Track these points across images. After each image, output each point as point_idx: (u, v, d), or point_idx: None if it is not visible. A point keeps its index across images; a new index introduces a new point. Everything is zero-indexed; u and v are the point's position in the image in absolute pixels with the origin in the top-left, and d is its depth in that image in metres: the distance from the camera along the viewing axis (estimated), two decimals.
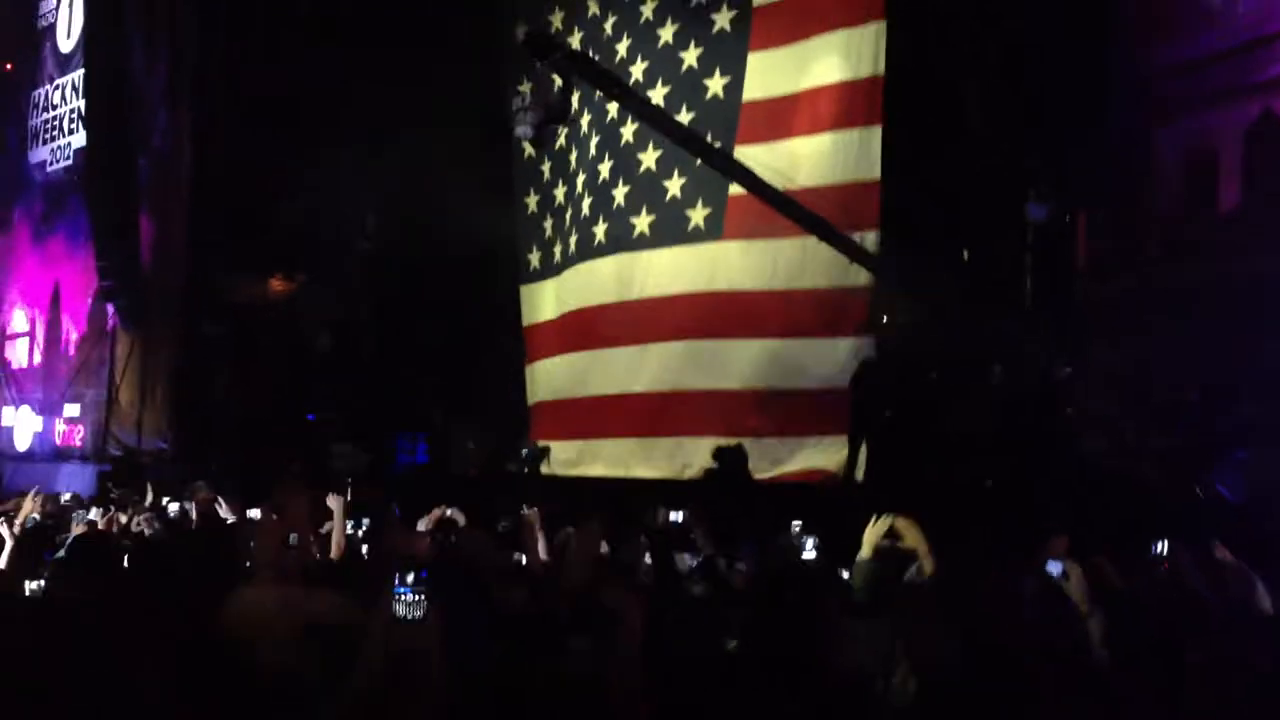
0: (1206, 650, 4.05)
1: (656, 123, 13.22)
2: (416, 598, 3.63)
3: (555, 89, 11.92)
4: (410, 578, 3.68)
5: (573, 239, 15.32)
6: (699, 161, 13.30)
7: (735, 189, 12.89)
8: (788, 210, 11.73)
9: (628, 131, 14.43)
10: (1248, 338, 9.31)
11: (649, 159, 14.22)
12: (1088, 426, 9.85)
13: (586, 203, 15.01)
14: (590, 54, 14.68)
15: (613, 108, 14.62)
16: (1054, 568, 5.32)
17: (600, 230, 14.79)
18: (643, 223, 14.28)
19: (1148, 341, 9.75)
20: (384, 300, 16.09)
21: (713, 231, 13.55)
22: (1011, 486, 9.37)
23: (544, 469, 14.34)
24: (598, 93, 14.46)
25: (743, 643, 4.03)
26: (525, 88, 15.01)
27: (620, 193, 14.50)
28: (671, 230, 13.99)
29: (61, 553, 5.82)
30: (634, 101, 13.32)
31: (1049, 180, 10.82)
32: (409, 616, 3.61)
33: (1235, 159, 10.25)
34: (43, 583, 5.63)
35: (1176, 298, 9.86)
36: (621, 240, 14.50)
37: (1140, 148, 10.72)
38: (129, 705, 3.74)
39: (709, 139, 13.45)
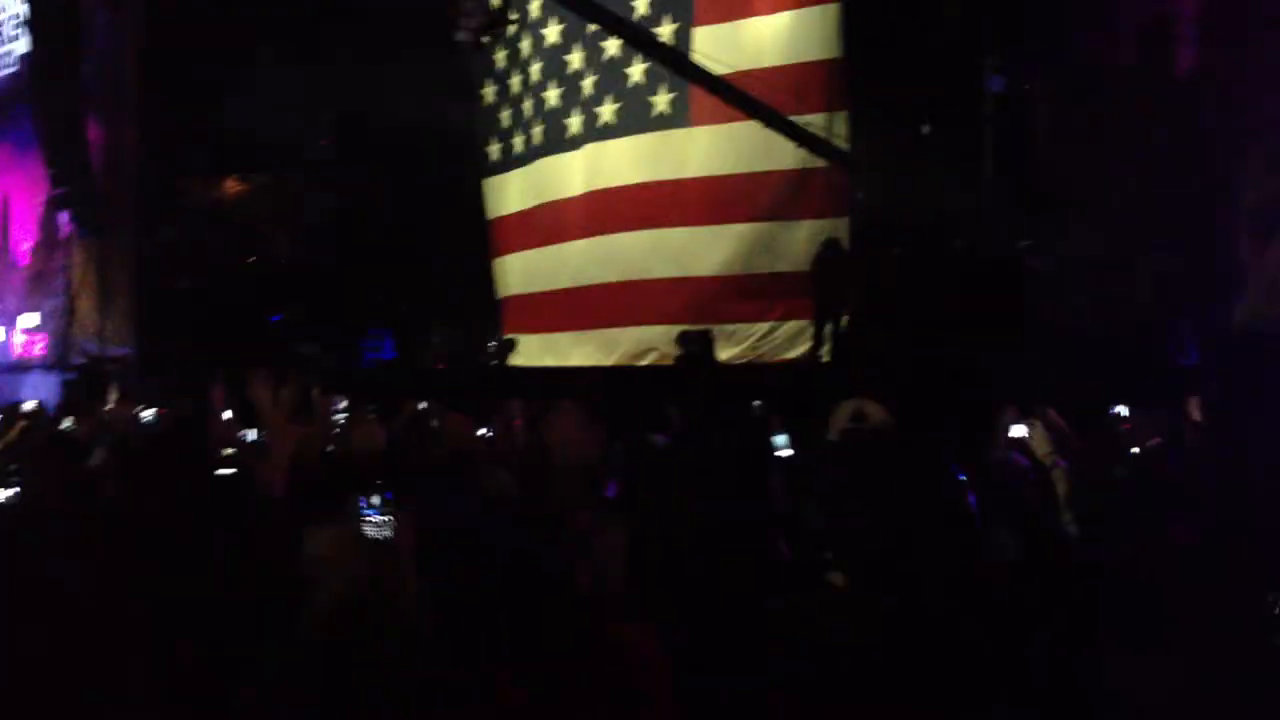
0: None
1: (605, 19, 13.08)
2: (384, 518, 3.61)
3: None
4: (376, 499, 3.66)
5: (537, 129, 15.23)
6: (658, 44, 13.23)
7: (698, 73, 12.79)
8: (749, 93, 11.67)
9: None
10: (1203, 198, 9.38)
11: (612, 46, 14.07)
12: (1051, 299, 9.90)
13: (555, 93, 14.88)
14: None
15: None
16: (1017, 429, 5.40)
17: (573, 122, 14.69)
18: (607, 112, 14.17)
19: (1108, 212, 9.79)
20: (344, 198, 15.91)
21: (678, 118, 13.48)
22: (976, 363, 9.44)
23: (512, 361, 14.37)
24: None
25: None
26: None
27: (589, 82, 14.38)
28: (637, 118, 13.92)
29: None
30: (591, 9, 13.17)
31: (1005, 51, 10.81)
32: (377, 537, 3.58)
33: (1189, 25, 10.20)
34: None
35: (1137, 164, 9.88)
36: (590, 131, 14.42)
37: (1095, 12, 10.64)
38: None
39: (670, 20, 13.36)
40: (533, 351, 14.58)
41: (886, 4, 11.52)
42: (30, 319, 17.49)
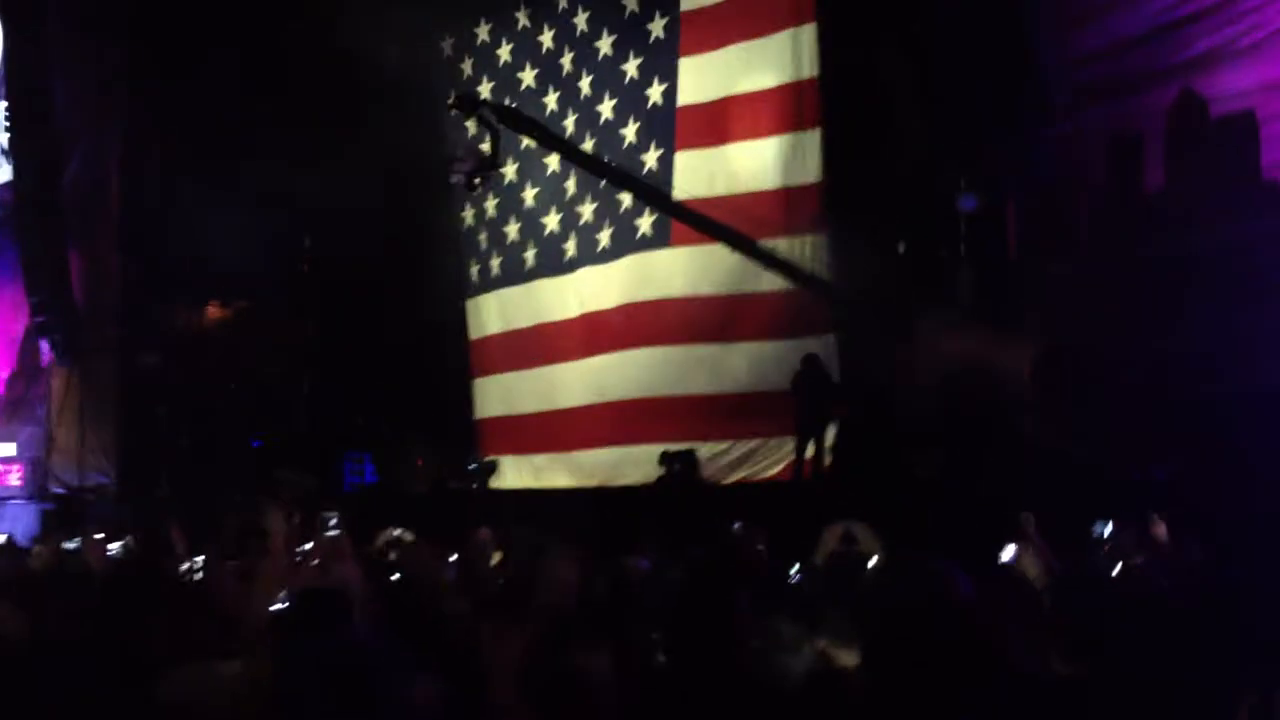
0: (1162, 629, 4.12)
1: (587, 165, 13.42)
2: None
3: (485, 142, 11.87)
4: None
5: (530, 253, 15.40)
6: (645, 171, 13.60)
7: (678, 196, 13.03)
8: (729, 216, 11.84)
9: (589, 146, 14.56)
10: (1180, 314, 9.48)
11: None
12: (1027, 412, 9.95)
13: (554, 219, 15.06)
14: (525, 71, 15.11)
15: (569, 122, 14.75)
16: (1006, 552, 5.39)
17: (571, 245, 14.90)
18: (605, 236, 14.34)
19: (1083, 325, 9.89)
20: (325, 321, 15.97)
21: (660, 238, 13.65)
22: (957, 476, 9.46)
23: (493, 483, 14.32)
24: (549, 108, 14.84)
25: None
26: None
27: (588, 209, 14.57)
28: (626, 240, 14.12)
29: None
30: (563, 147, 13.52)
31: (977, 171, 10.99)
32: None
33: (1158, 140, 10.41)
34: None
35: (1108, 280, 10.01)
36: (586, 255, 14.63)
37: (1065, 134, 10.85)
38: None
39: (653, 147, 13.64)
40: (514, 473, 14.54)
41: (859, 128, 11.75)
42: (6, 448, 17.34)
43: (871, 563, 5.49)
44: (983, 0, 11.08)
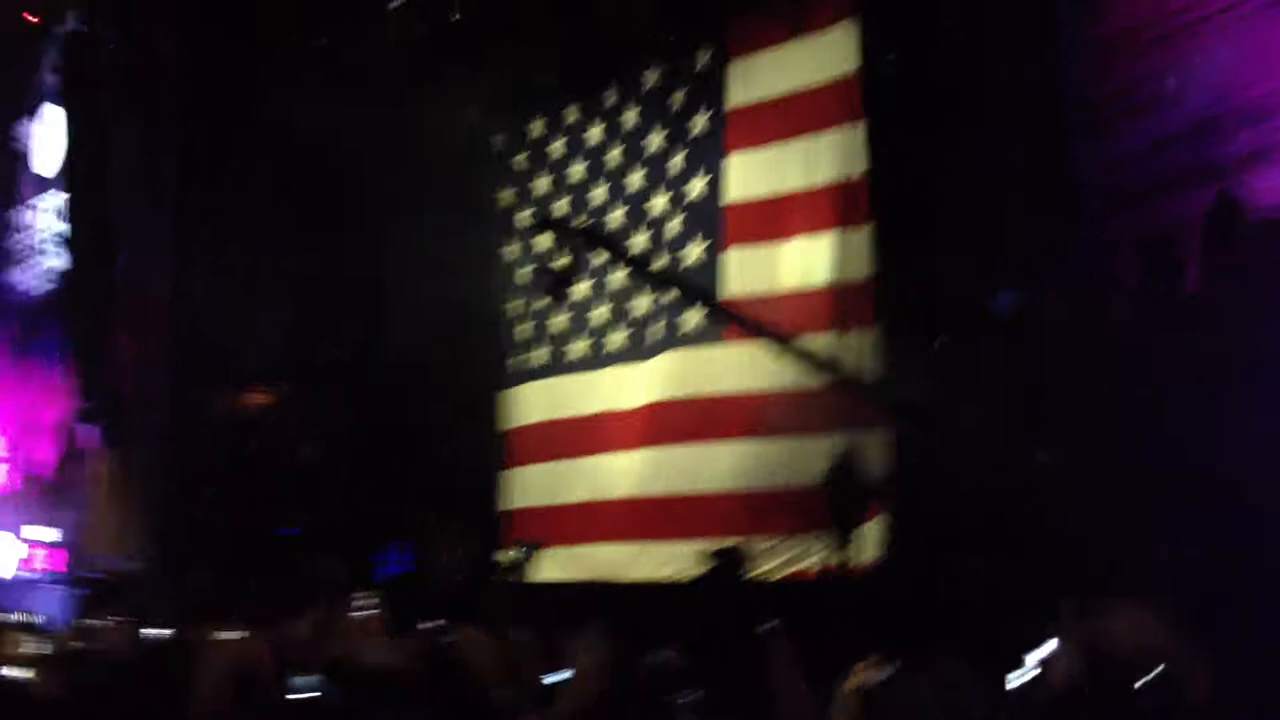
0: None
1: (645, 274, 13.57)
2: None
3: (563, 259, 12.02)
4: None
5: (580, 344, 15.56)
6: (690, 265, 13.97)
7: (729, 293, 13.34)
8: (777, 313, 11.93)
9: (641, 239, 14.81)
10: (1218, 418, 9.40)
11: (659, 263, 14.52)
12: (1063, 512, 9.87)
13: (601, 311, 15.20)
14: (575, 165, 15.64)
15: (617, 214, 15.13)
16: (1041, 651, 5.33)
17: (619, 338, 15.07)
18: (655, 330, 14.54)
19: (1118, 427, 9.82)
20: (363, 409, 16.10)
21: (712, 334, 13.76)
22: (991, 578, 9.40)
23: (526, 574, 14.26)
24: (596, 201, 15.26)
25: None
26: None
27: (639, 302, 14.77)
28: (675, 335, 14.25)
29: None
30: (631, 260, 13.72)
31: (1015, 271, 11.02)
32: None
33: (1194, 242, 10.38)
34: None
35: (1145, 384, 9.94)
36: (635, 348, 14.79)
37: (1100, 234, 10.86)
38: None
39: (698, 240, 13.90)
40: (551, 564, 14.53)
41: (908, 227, 11.88)
42: (51, 534, 17.52)
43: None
44: (1023, 104, 11.10)
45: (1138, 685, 4.72)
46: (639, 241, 14.70)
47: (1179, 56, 10.41)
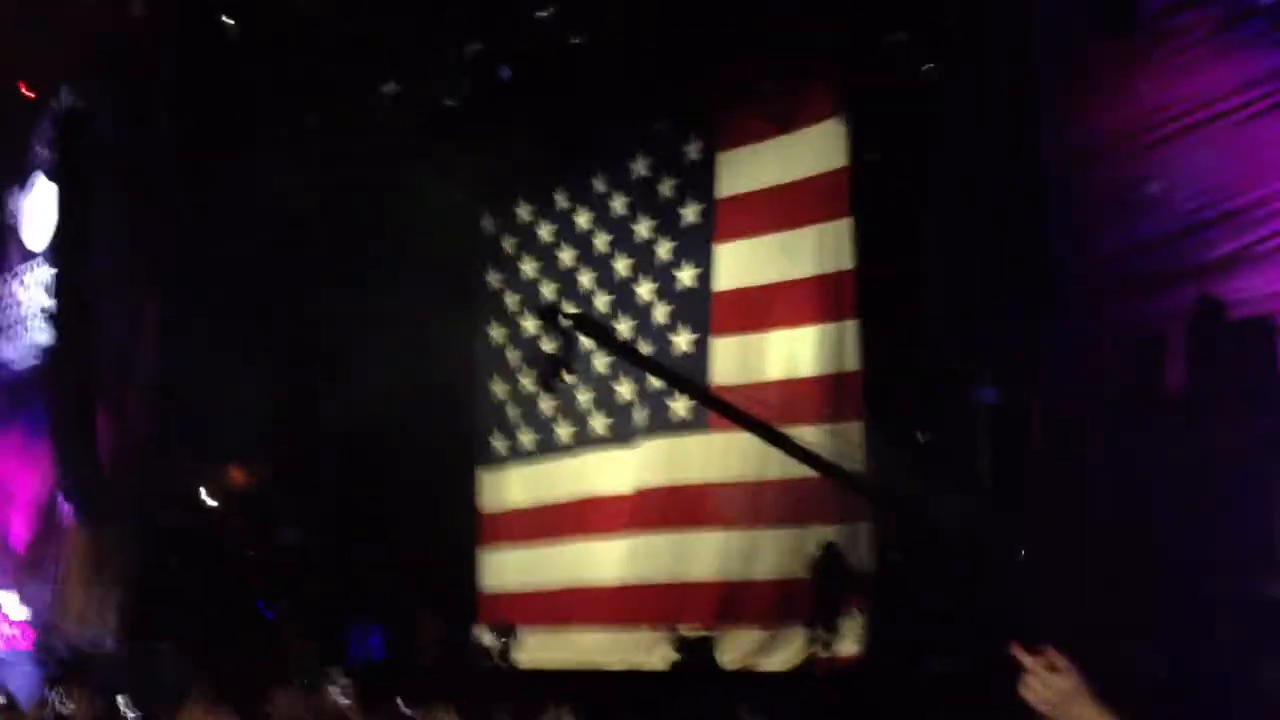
0: None
1: (638, 363, 13.66)
2: None
3: (558, 345, 12.06)
4: None
5: (562, 429, 15.56)
6: (678, 354, 14.16)
7: (716, 381, 13.52)
8: (765, 403, 11.98)
9: (626, 326, 14.95)
10: (1199, 516, 9.42)
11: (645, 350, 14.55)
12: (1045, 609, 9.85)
13: (586, 396, 15.19)
14: (563, 251, 15.80)
15: (602, 301, 15.18)
16: None
17: (599, 424, 15.11)
18: (640, 416, 14.55)
19: (1097, 522, 9.83)
20: (339, 488, 16.03)
21: (698, 423, 13.78)
22: (976, 671, 9.35)
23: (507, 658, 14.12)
24: (584, 288, 15.34)
25: None
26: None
27: (624, 388, 14.78)
28: (661, 421, 14.29)
29: None
30: (625, 351, 13.78)
31: (996, 367, 11.10)
32: None
33: (1179, 342, 10.46)
34: None
35: (1126, 481, 9.98)
36: (619, 434, 14.86)
37: (1083, 333, 10.93)
38: None
39: (686, 329, 14.07)
40: (529, 647, 14.40)
41: (895, 321, 11.98)
42: (20, 611, 17.26)
43: None
44: (1007, 202, 11.24)
45: None
46: (624, 328, 14.86)
47: (1165, 161, 10.55)
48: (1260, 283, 10.00)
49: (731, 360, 13.59)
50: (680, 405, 14.04)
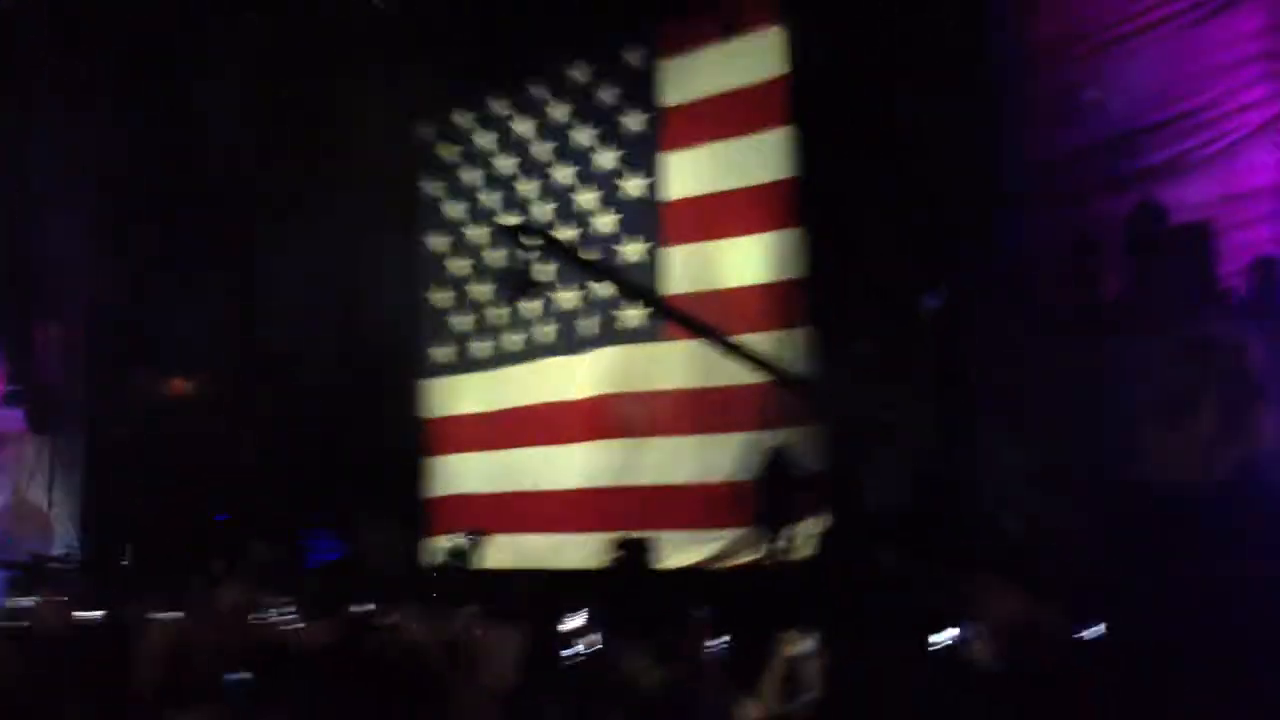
0: None
1: (595, 275, 13.66)
2: None
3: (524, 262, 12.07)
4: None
5: (513, 337, 15.59)
6: (627, 263, 14.11)
7: (670, 290, 13.57)
8: (714, 311, 12.12)
9: (569, 234, 14.86)
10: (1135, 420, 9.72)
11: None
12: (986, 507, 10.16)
13: (532, 305, 15.26)
14: (502, 158, 15.74)
15: (546, 209, 15.32)
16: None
17: (548, 331, 15.15)
18: (589, 324, 14.66)
19: (1036, 425, 10.11)
20: (287, 398, 16.05)
21: (651, 332, 13.93)
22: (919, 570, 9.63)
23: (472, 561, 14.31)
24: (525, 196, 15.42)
25: None
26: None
27: (569, 295, 14.87)
28: (611, 330, 14.42)
29: None
30: (592, 269, 13.77)
31: (940, 272, 11.30)
32: None
33: (1116, 246, 10.71)
34: None
35: (1065, 384, 10.24)
36: (566, 343, 14.92)
37: (1026, 236, 11.16)
38: None
39: (635, 239, 14.12)
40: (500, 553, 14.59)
41: (839, 229, 12.13)
42: None
43: None
44: (953, 107, 11.36)
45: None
46: (566, 236, 14.76)
47: (1103, 68, 10.75)
48: (1199, 189, 10.29)
49: (682, 269, 13.70)
50: (632, 314, 14.16)
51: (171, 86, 15.92)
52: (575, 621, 8.41)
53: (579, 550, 13.61)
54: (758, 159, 13.29)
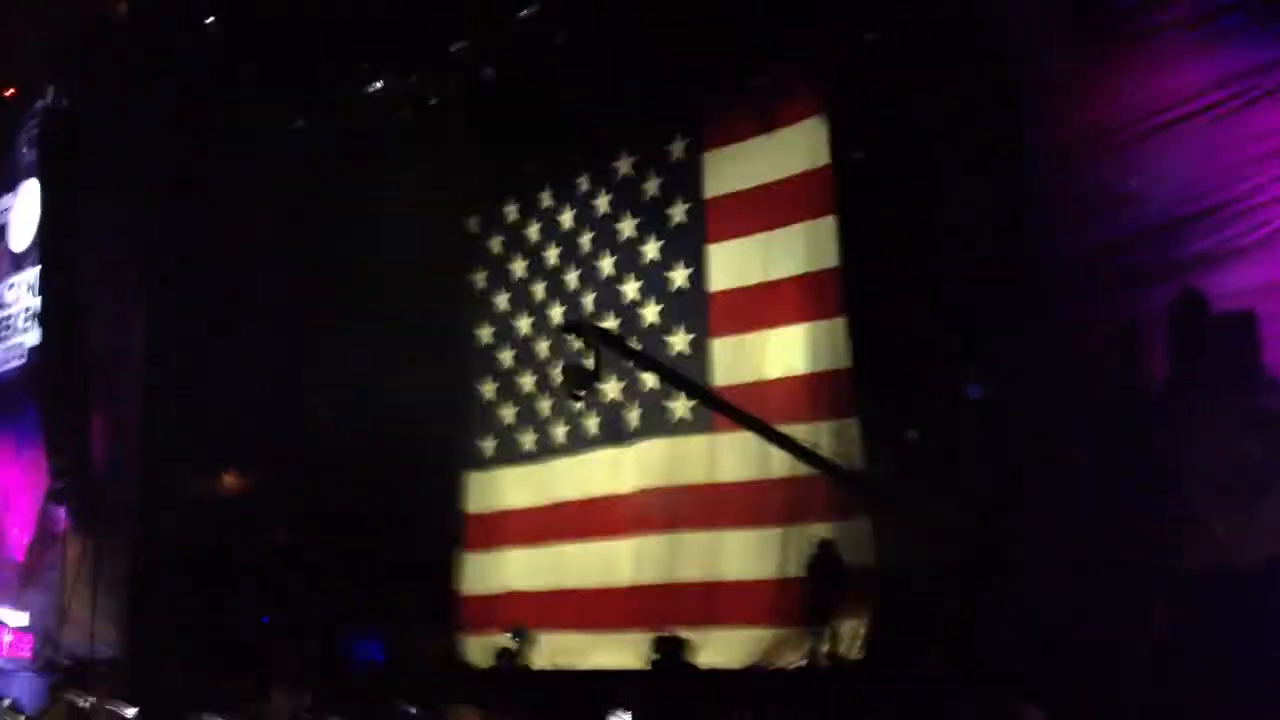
0: None
1: (656, 371, 13.65)
2: None
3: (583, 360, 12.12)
4: None
5: (559, 429, 15.64)
6: (674, 355, 14.19)
7: (718, 382, 13.64)
8: (763, 403, 12.17)
9: (611, 324, 14.89)
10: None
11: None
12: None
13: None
14: (549, 250, 15.85)
15: (588, 300, 15.37)
16: None
17: (592, 423, 15.15)
18: (633, 415, 14.65)
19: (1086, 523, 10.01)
20: (336, 494, 15.99)
21: (701, 423, 13.91)
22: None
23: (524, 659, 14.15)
24: (570, 287, 15.49)
25: None
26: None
27: (612, 387, 14.84)
28: (655, 421, 14.41)
29: None
30: (648, 363, 13.67)
31: (985, 362, 11.25)
32: None
33: (1161, 337, 10.63)
34: None
35: (1114, 475, 10.15)
36: (612, 432, 14.89)
37: (1067, 328, 11.08)
38: None
39: (682, 330, 14.27)
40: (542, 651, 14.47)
41: (882, 319, 12.12)
42: (19, 618, 17.18)
43: None
44: (989, 199, 11.38)
45: None
46: (609, 326, 14.74)
47: (1142, 158, 10.73)
48: (1239, 278, 10.20)
49: (730, 360, 13.73)
50: (680, 406, 14.17)
51: (224, 176, 16.13)
52: None
53: (623, 648, 13.51)
54: (802, 249, 13.35)
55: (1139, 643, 9.12)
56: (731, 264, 14.07)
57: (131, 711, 10.07)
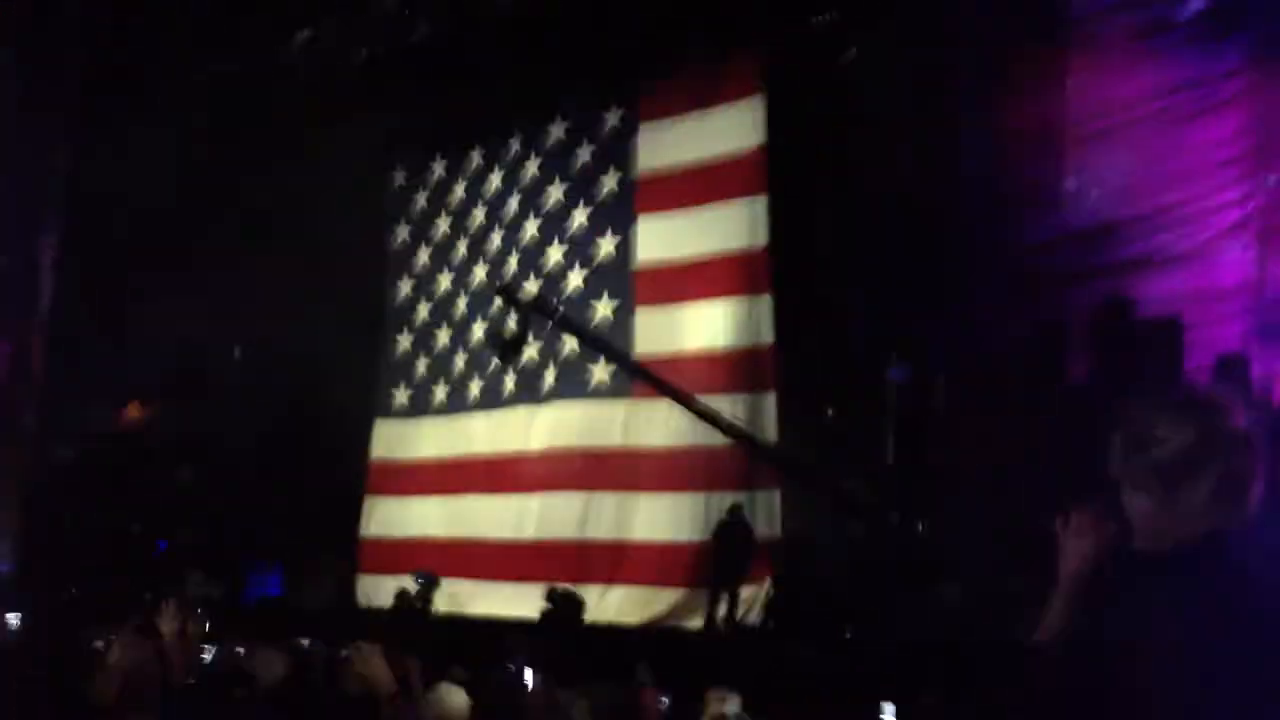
0: None
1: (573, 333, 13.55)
2: None
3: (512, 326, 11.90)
4: None
5: (473, 386, 15.46)
6: (597, 321, 14.13)
7: (638, 350, 13.57)
8: (683, 374, 12.16)
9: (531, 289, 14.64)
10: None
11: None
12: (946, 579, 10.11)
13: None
14: (476, 209, 15.57)
15: (512, 262, 15.24)
16: None
17: (510, 380, 14.99)
18: (549, 377, 14.55)
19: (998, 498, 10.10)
20: (240, 430, 15.82)
21: (619, 389, 13.83)
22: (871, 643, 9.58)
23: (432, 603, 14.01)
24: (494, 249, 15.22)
25: None
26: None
27: (532, 350, 14.60)
28: (573, 384, 14.31)
29: None
30: (565, 324, 13.54)
31: (907, 348, 11.35)
32: None
33: (1084, 336, 10.78)
34: None
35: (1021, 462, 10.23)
36: (528, 392, 14.77)
37: (993, 319, 11.19)
38: None
39: (605, 298, 14.18)
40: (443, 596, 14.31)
41: (808, 299, 12.17)
42: None
43: None
44: (923, 187, 11.47)
45: None
46: (530, 291, 14.61)
47: (1081, 161, 10.88)
48: (1169, 284, 10.37)
49: (653, 330, 13.70)
50: (600, 371, 14.10)
51: (140, 119, 15.77)
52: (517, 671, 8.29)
53: (525, 600, 13.43)
54: (732, 226, 13.36)
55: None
56: (660, 237, 14.05)
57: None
